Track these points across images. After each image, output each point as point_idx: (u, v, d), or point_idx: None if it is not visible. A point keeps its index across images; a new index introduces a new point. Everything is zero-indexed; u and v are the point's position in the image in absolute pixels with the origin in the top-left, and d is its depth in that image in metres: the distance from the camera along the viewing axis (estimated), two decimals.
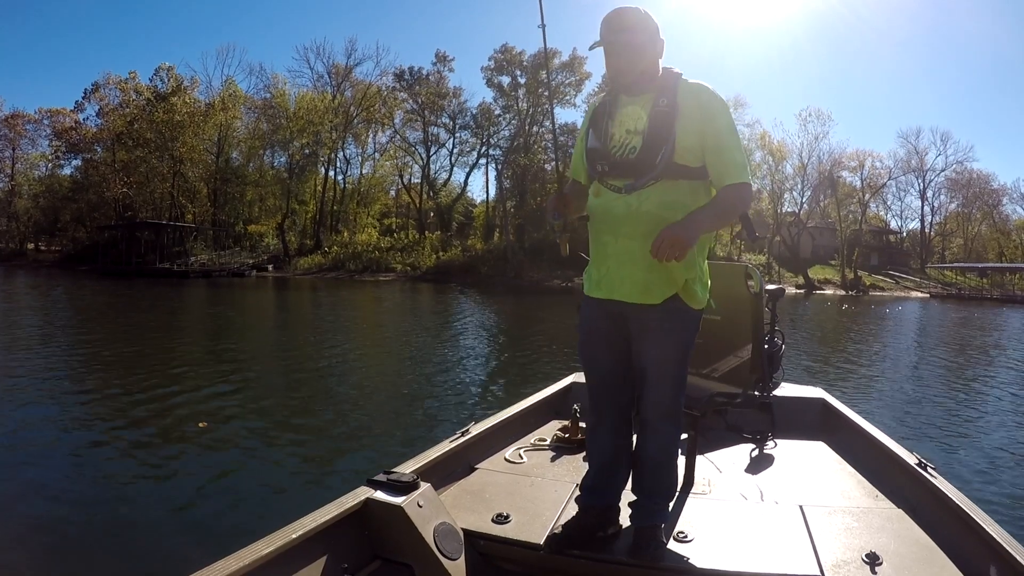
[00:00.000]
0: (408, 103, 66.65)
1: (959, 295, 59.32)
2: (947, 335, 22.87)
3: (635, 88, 2.38)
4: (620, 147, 2.37)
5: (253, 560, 1.94)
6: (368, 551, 2.39)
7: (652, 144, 2.29)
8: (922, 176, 75.89)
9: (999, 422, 8.67)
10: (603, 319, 2.51)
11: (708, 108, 2.29)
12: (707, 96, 2.30)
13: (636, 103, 2.37)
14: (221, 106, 60.27)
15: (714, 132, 2.29)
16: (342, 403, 8.58)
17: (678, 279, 2.36)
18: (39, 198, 67.94)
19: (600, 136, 2.44)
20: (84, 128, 65.04)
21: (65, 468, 5.59)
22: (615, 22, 2.30)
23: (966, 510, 2.54)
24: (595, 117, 2.50)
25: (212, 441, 6.52)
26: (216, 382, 9.38)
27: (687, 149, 2.27)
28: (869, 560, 2.35)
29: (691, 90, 2.32)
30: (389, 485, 2.47)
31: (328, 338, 15.28)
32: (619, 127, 2.40)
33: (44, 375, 9.44)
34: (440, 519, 2.44)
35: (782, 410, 3.78)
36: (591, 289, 2.54)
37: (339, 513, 2.30)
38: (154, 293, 29.22)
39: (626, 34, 2.28)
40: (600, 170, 2.41)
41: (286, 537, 2.09)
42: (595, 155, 2.45)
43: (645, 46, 2.32)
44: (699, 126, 2.27)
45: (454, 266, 52.75)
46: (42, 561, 3.93)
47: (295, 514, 2.24)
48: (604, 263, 2.46)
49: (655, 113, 2.30)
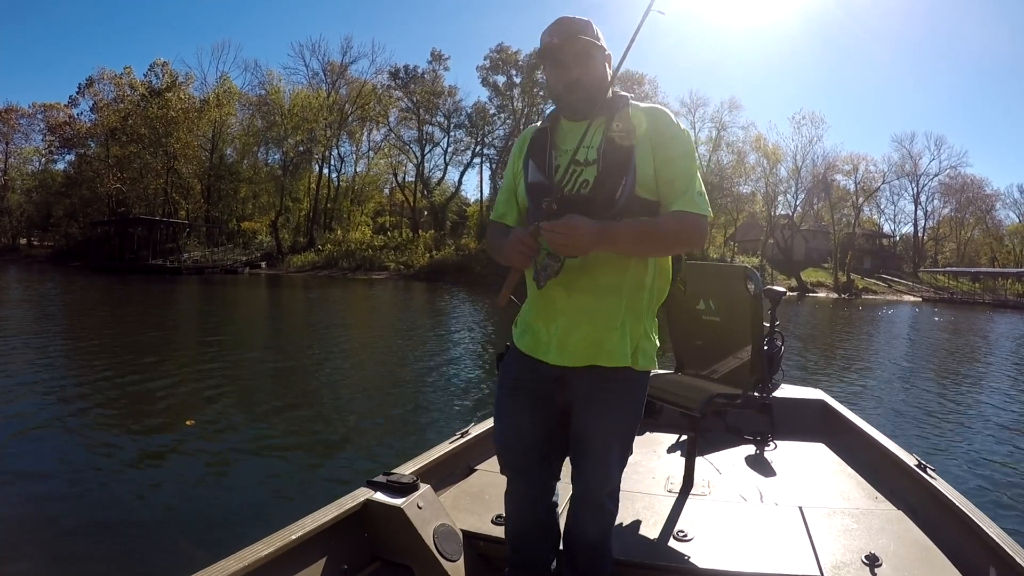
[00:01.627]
0: (403, 101, 66.78)
1: (951, 299, 59.62)
2: (940, 339, 22.95)
3: (581, 111, 1.99)
4: (570, 181, 1.95)
5: (253, 561, 1.93)
6: (368, 552, 2.39)
7: (610, 176, 1.90)
8: (916, 180, 76.42)
9: (998, 424, 8.71)
10: (537, 381, 2.10)
11: (664, 132, 1.94)
12: (664, 119, 1.96)
13: (584, 129, 1.96)
14: (216, 102, 60.28)
15: (668, 158, 1.92)
16: (341, 404, 8.54)
17: (636, 337, 2.02)
18: (32, 193, 67.67)
19: (543, 168, 2.02)
20: (78, 123, 64.86)
21: (60, 470, 5.51)
22: (566, 27, 1.95)
23: (966, 511, 2.55)
24: (533, 147, 2.08)
25: (211, 442, 6.48)
26: (215, 382, 9.32)
27: (646, 178, 1.92)
28: (869, 561, 2.35)
29: (644, 113, 1.97)
30: (389, 486, 2.46)
31: (325, 338, 15.24)
32: (564, 157, 1.99)
33: (32, 375, 9.31)
34: (440, 520, 2.43)
35: (782, 411, 3.78)
36: (534, 349, 2.10)
37: (339, 514, 2.29)
38: (146, 290, 29.12)
39: (578, 41, 1.93)
40: (547, 208, 1.87)
41: (286, 538, 2.08)
42: (538, 190, 1.99)
43: (598, 59, 1.98)
44: (653, 152, 1.92)
45: (447, 265, 52.72)
46: (41, 562, 3.89)
47: (295, 515, 2.23)
48: (552, 321, 2.02)
49: (610, 139, 1.91)
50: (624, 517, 2.76)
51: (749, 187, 67.05)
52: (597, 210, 1.87)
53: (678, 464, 3.43)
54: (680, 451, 3.69)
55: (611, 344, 1.98)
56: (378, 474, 2.55)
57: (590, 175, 1.93)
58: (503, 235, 2.08)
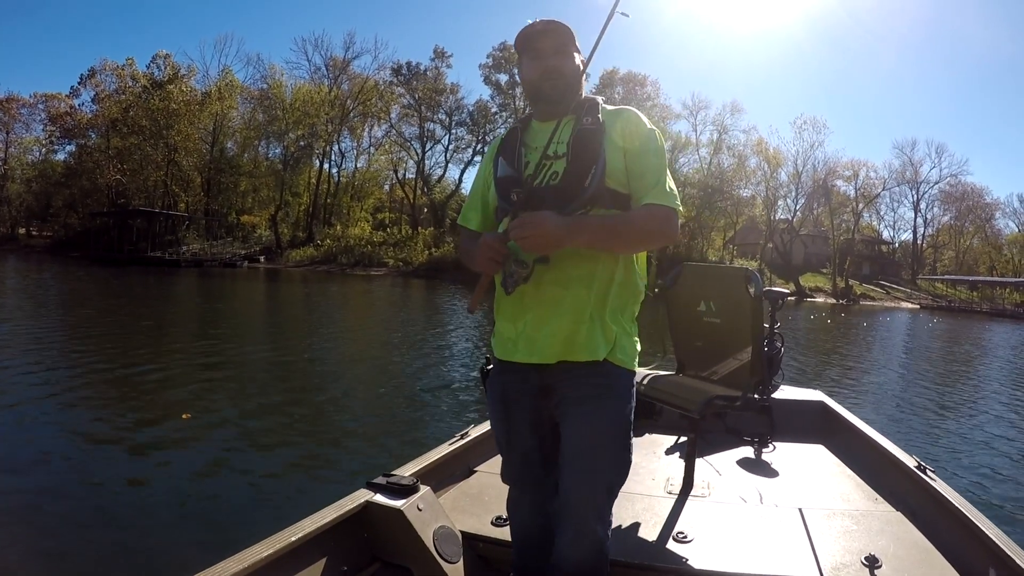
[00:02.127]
0: (405, 98, 66.85)
1: (949, 307, 59.63)
2: (938, 346, 22.98)
3: (554, 107, 2.00)
4: (539, 174, 1.94)
5: (253, 562, 1.93)
6: (367, 554, 2.39)
7: (578, 165, 1.89)
8: (916, 188, 76.42)
9: (997, 427, 8.75)
10: (522, 390, 2.03)
11: (634, 129, 1.94)
12: (634, 118, 1.97)
13: (554, 126, 1.97)
14: (217, 95, 60.29)
15: (638, 152, 1.91)
16: (339, 404, 8.52)
17: (611, 333, 1.93)
18: (32, 183, 67.67)
19: (513, 163, 2.02)
20: (79, 114, 64.84)
21: (54, 467, 5.47)
22: (544, 26, 1.97)
23: (965, 513, 2.55)
24: (503, 147, 2.10)
25: (208, 442, 6.44)
26: (212, 377, 9.32)
27: (617, 171, 1.90)
28: (868, 563, 2.36)
29: (615, 112, 1.99)
30: (389, 488, 2.46)
31: (324, 335, 15.25)
32: (535, 154, 1.97)
33: (28, 367, 9.25)
34: (439, 522, 2.43)
35: (781, 413, 3.78)
36: (505, 351, 2.04)
37: (339, 516, 2.29)
38: (144, 282, 29.09)
39: (559, 30, 1.97)
40: (515, 200, 1.90)
41: (286, 539, 2.08)
42: (507, 183, 2.00)
43: (573, 57, 2.00)
44: (624, 146, 1.92)
45: (446, 262, 52.64)
46: (39, 562, 3.87)
47: (295, 517, 2.23)
48: (521, 317, 1.96)
49: (580, 132, 1.93)
50: (624, 518, 2.77)
51: (749, 191, 67.03)
52: (566, 199, 1.87)
53: (678, 465, 3.43)
54: (680, 452, 3.69)
55: (581, 337, 1.90)
56: (378, 475, 2.55)
57: (559, 167, 1.92)
58: (473, 241, 2.04)
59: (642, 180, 1.89)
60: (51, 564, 3.86)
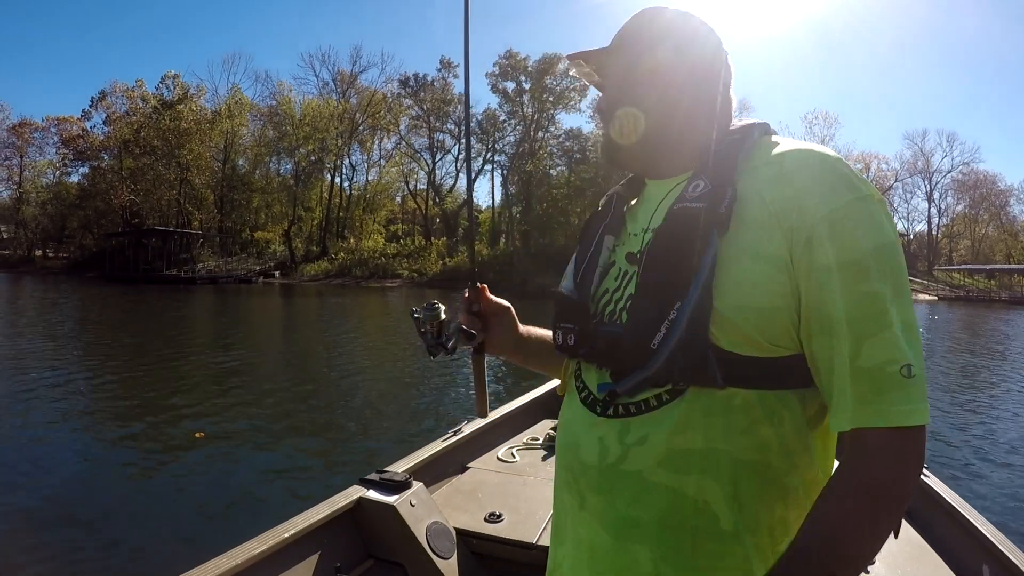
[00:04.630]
0: (413, 109, 66.97)
1: (967, 297, 58.92)
2: (954, 338, 22.74)
3: (665, 166, 1.08)
4: (608, 301, 1.06)
5: (245, 559, 1.94)
6: (361, 550, 2.39)
7: (647, 297, 0.95)
8: (928, 178, 75.70)
9: (994, 423, 8.67)
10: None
11: (821, 204, 0.86)
12: (824, 175, 0.89)
13: (658, 197, 1.07)
14: (227, 113, 60.83)
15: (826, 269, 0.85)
16: (336, 403, 8.62)
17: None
18: (46, 205, 68.33)
19: (579, 267, 1.13)
20: (91, 136, 65.59)
21: (56, 468, 5.62)
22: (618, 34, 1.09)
23: (959, 509, 2.53)
24: (586, 228, 1.19)
25: (205, 440, 6.56)
26: (213, 382, 9.43)
27: (746, 308, 0.88)
28: None
29: (774, 168, 0.93)
30: (382, 484, 2.47)
31: (330, 342, 15.29)
32: (620, 252, 1.09)
33: (44, 381, 9.42)
34: (433, 518, 2.44)
35: None
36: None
37: (332, 512, 2.30)
38: (161, 300, 29.30)
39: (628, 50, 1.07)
40: (561, 344, 1.09)
41: (278, 536, 2.08)
42: (567, 310, 1.10)
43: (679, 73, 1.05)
44: (789, 251, 0.87)
45: (460, 272, 52.58)
46: (38, 561, 3.95)
47: (288, 513, 2.23)
48: (561, 542, 1.07)
49: (671, 220, 0.97)
50: None
51: None
52: (627, 362, 0.96)
53: None
54: None
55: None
56: (371, 472, 2.56)
57: (632, 289, 1.01)
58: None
59: (833, 344, 0.84)
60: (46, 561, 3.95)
